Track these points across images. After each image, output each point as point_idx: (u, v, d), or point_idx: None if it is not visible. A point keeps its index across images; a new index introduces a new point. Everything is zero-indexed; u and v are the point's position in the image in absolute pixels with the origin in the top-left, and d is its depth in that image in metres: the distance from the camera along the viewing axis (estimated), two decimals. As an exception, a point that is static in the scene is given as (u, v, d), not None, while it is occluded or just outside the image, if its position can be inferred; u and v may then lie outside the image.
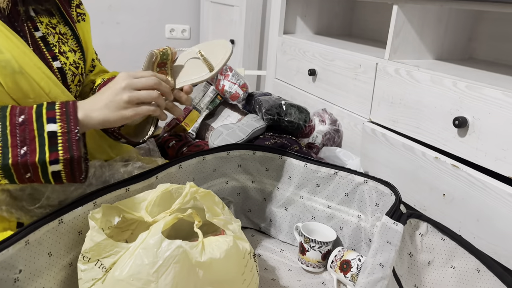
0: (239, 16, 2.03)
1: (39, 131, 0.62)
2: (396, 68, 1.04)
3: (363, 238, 0.89)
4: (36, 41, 0.75)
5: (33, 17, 0.75)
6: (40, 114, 0.64)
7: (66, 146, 0.62)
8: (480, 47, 1.20)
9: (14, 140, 0.61)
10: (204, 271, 0.58)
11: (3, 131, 0.61)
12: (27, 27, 0.74)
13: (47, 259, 0.64)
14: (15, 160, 0.61)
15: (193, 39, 2.71)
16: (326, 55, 1.32)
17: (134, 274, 0.54)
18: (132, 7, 2.51)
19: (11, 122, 0.62)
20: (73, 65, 0.80)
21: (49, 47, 0.76)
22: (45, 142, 0.62)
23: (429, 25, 1.11)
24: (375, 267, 0.59)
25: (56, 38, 0.78)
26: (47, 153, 0.61)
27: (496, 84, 0.84)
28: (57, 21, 0.80)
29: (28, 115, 0.63)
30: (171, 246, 0.56)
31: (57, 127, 0.63)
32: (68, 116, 0.64)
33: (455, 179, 0.87)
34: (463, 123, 0.86)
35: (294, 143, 1.09)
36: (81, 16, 0.87)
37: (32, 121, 0.63)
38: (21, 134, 0.62)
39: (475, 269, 0.70)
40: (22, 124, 0.62)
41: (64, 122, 0.63)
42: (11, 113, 0.63)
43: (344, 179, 0.90)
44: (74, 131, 0.63)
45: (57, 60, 0.77)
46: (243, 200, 1.02)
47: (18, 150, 0.61)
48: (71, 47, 0.81)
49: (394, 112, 1.06)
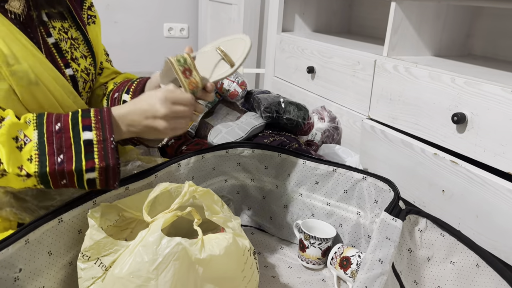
0: (237, 14, 2.03)
1: (75, 139, 0.63)
2: (395, 65, 1.04)
3: (363, 234, 0.89)
4: (49, 47, 0.75)
5: (46, 22, 0.75)
6: (76, 121, 0.65)
7: (101, 154, 0.63)
8: (478, 43, 1.20)
9: (51, 148, 0.62)
10: (203, 268, 0.58)
11: (40, 139, 0.62)
12: (40, 33, 0.74)
13: (47, 258, 0.64)
14: (52, 168, 0.62)
15: (192, 37, 2.71)
16: (325, 52, 1.32)
17: (134, 272, 0.54)
18: (130, 6, 2.51)
19: (48, 130, 0.63)
20: (85, 71, 0.80)
21: (61, 54, 0.76)
22: (81, 150, 0.63)
23: (427, 22, 1.11)
24: (374, 263, 0.60)
25: (68, 44, 0.78)
26: (84, 161, 0.62)
27: (495, 80, 0.84)
28: (69, 25, 0.80)
29: (64, 122, 0.64)
30: (171, 243, 0.56)
31: (93, 135, 0.64)
32: (103, 124, 0.65)
33: (454, 175, 0.87)
34: (462, 119, 0.86)
35: (293, 141, 1.09)
36: (91, 18, 0.87)
37: (68, 129, 0.64)
38: (58, 141, 0.63)
39: (474, 265, 0.70)
40: (58, 132, 0.63)
41: (99, 130, 0.64)
42: (48, 121, 0.64)
43: (343, 176, 0.90)
44: (110, 139, 0.64)
45: (70, 67, 0.77)
46: (243, 198, 1.02)
47: (55, 158, 0.62)
48: (82, 52, 0.81)
49: (393, 109, 1.06)
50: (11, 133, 0.62)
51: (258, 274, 0.75)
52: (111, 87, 0.88)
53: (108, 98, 0.86)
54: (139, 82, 0.84)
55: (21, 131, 0.63)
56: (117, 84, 0.88)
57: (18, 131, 0.62)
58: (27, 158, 0.61)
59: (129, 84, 0.84)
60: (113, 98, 0.85)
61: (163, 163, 0.84)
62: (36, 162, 0.61)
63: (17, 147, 0.62)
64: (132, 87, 0.83)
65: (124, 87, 0.84)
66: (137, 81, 0.84)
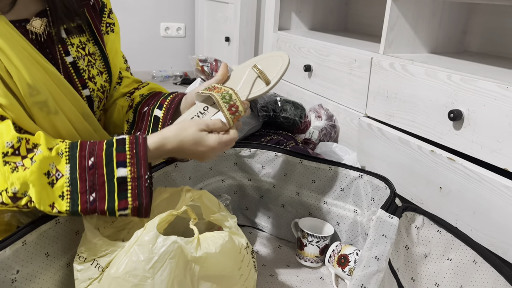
0: (234, 13, 2.03)
1: (108, 176, 0.60)
2: (391, 62, 1.04)
3: (360, 232, 0.89)
4: (67, 67, 0.73)
5: (65, 39, 0.74)
6: (110, 157, 0.61)
7: (135, 193, 0.60)
8: (474, 40, 1.20)
9: (83, 185, 0.60)
10: (200, 266, 0.58)
11: (73, 174, 0.60)
12: (59, 52, 0.72)
13: (44, 259, 0.65)
14: (84, 207, 0.60)
15: (189, 37, 2.71)
16: (321, 50, 1.32)
17: (130, 271, 0.54)
18: (126, 6, 2.51)
19: (81, 165, 0.60)
20: (100, 90, 0.79)
21: (79, 74, 0.75)
22: (115, 188, 0.60)
23: (423, 19, 1.11)
24: (370, 260, 0.60)
25: (86, 61, 0.76)
26: (116, 201, 0.60)
27: (491, 76, 0.84)
28: (86, 39, 0.78)
29: (98, 158, 0.61)
30: (166, 242, 0.56)
31: (127, 172, 0.61)
32: (138, 159, 0.61)
33: (451, 172, 0.87)
34: (458, 116, 0.86)
35: (290, 139, 1.09)
36: (110, 26, 0.84)
37: (102, 166, 0.61)
38: (91, 179, 0.60)
39: (471, 261, 0.71)
40: (91, 167, 0.60)
41: (134, 166, 0.61)
42: (80, 155, 0.61)
43: (339, 175, 0.90)
44: (145, 177, 0.61)
45: (87, 87, 0.75)
46: (240, 198, 1.03)
47: (87, 196, 0.60)
48: (98, 68, 0.79)
49: (389, 106, 1.06)
50: (43, 169, 0.60)
51: (256, 273, 0.75)
52: (138, 100, 0.84)
53: (135, 111, 0.83)
54: (173, 98, 0.80)
55: (53, 164, 0.60)
56: (144, 97, 0.84)
57: (50, 165, 0.60)
58: (59, 194, 0.60)
59: (162, 99, 0.81)
60: (142, 112, 0.81)
61: (160, 163, 0.84)
62: (67, 200, 0.59)
63: (49, 182, 0.60)
64: (166, 103, 0.80)
65: (154, 101, 0.81)
66: (171, 97, 0.81)
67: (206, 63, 1.23)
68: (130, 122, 0.83)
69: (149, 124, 0.80)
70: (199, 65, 1.23)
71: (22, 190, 0.59)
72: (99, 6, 0.81)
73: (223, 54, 2.24)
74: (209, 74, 1.23)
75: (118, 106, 0.86)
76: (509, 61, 1.06)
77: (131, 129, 0.83)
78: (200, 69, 1.24)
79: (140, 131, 0.81)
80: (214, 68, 1.22)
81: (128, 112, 0.84)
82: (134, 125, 0.82)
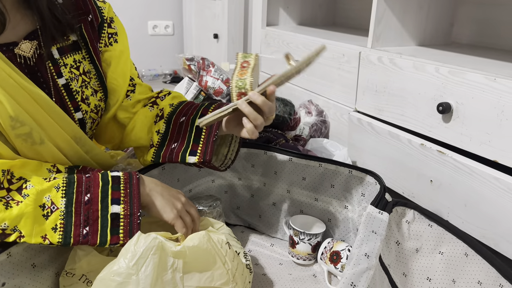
0: (221, 10, 2.01)
1: (102, 212, 0.62)
2: (379, 56, 1.03)
3: (351, 228, 0.89)
4: (59, 90, 0.71)
5: (57, 60, 0.71)
6: (106, 194, 0.63)
7: (127, 230, 0.62)
8: (462, 31, 1.19)
9: (78, 219, 0.61)
10: (183, 261, 0.58)
11: (68, 208, 0.61)
12: (50, 74, 0.70)
13: (31, 270, 0.64)
14: (76, 240, 0.61)
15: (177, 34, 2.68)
16: (310, 45, 1.31)
17: (114, 270, 0.55)
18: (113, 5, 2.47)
19: (77, 200, 0.62)
20: (94, 111, 0.77)
21: (71, 96, 0.72)
22: (108, 224, 0.62)
23: (410, 12, 1.10)
24: (360, 257, 0.59)
25: (79, 81, 0.74)
26: (109, 236, 0.62)
27: (479, 68, 0.84)
28: (82, 56, 0.75)
29: (94, 194, 0.63)
30: (148, 238, 0.57)
31: (120, 209, 0.63)
32: (131, 197, 0.64)
33: (442, 165, 0.87)
34: (447, 108, 0.86)
35: (280, 137, 1.08)
36: (113, 37, 0.81)
37: (97, 202, 0.63)
38: (85, 213, 0.62)
39: (463, 254, 0.70)
40: (87, 203, 0.62)
41: (127, 204, 0.63)
42: (78, 190, 0.62)
43: (329, 171, 0.89)
44: (137, 214, 0.63)
45: (79, 110, 0.74)
46: (231, 197, 1.02)
47: (80, 229, 0.61)
48: (93, 87, 0.76)
49: (379, 100, 1.05)
50: (38, 201, 0.60)
51: (251, 274, 0.74)
52: (169, 110, 0.81)
53: (168, 122, 0.80)
54: (216, 108, 0.78)
55: (48, 197, 0.61)
56: (176, 106, 0.82)
57: (45, 197, 0.61)
58: (52, 227, 0.60)
59: (203, 109, 0.79)
60: (178, 122, 0.79)
61: (148, 166, 0.83)
62: (60, 232, 0.60)
63: (43, 215, 0.60)
64: (209, 112, 0.77)
65: (193, 111, 0.79)
66: (214, 106, 0.79)
67: (193, 62, 1.21)
68: (161, 133, 0.80)
69: (189, 134, 0.78)
70: (186, 64, 1.22)
71: (12, 225, 0.58)
72: (98, 22, 0.77)
73: (212, 51, 2.22)
74: (197, 72, 1.22)
75: (141, 117, 0.82)
76: (497, 52, 1.06)
77: (164, 140, 0.80)
78: (187, 68, 1.22)
79: (177, 142, 0.78)
80: (202, 67, 1.21)
81: (158, 123, 0.81)
82: (168, 136, 0.80)
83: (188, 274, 0.58)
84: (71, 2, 0.73)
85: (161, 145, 0.80)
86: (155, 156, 0.80)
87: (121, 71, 0.81)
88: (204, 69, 1.21)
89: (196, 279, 0.59)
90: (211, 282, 0.60)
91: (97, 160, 0.78)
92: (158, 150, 0.80)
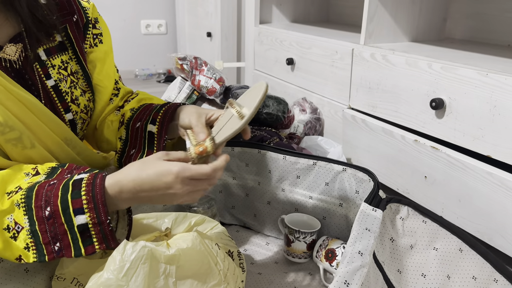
0: (214, 8, 2.00)
1: (68, 225, 0.57)
2: (372, 53, 1.03)
3: (346, 226, 0.89)
4: (48, 92, 0.70)
5: (45, 61, 0.69)
6: (66, 205, 0.56)
7: (100, 237, 0.57)
8: (455, 26, 1.19)
9: (46, 236, 0.57)
10: (176, 266, 0.58)
11: (32, 227, 0.57)
12: (39, 76, 0.68)
13: (24, 275, 0.63)
14: (51, 257, 0.57)
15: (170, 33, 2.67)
16: (303, 43, 1.30)
17: (103, 282, 0.54)
18: (105, 5, 2.45)
19: (38, 216, 0.56)
20: (83, 111, 0.75)
21: (61, 98, 0.71)
22: (77, 237, 0.57)
23: (403, 8, 1.10)
24: (354, 255, 0.59)
25: (68, 82, 0.73)
26: (82, 248, 0.57)
27: (471, 63, 0.84)
28: (68, 57, 0.74)
29: (54, 206, 0.56)
30: (136, 247, 0.55)
31: (86, 219, 0.56)
32: (96, 204, 0.56)
33: (435, 161, 0.87)
34: (440, 104, 0.86)
35: (274, 135, 1.08)
36: (97, 38, 0.79)
37: (59, 215, 0.56)
38: (51, 229, 0.57)
39: (457, 249, 0.71)
40: (49, 218, 0.57)
41: (93, 211, 0.56)
42: (36, 205, 0.57)
43: (323, 169, 0.89)
44: (106, 222, 0.57)
45: (70, 111, 0.72)
46: (226, 197, 1.01)
47: (51, 247, 0.57)
48: (81, 87, 0.76)
49: (372, 97, 1.05)
50: (1, 224, 0.57)
51: (244, 273, 0.74)
52: (129, 115, 0.80)
53: (128, 127, 0.79)
54: (166, 112, 0.76)
55: (11, 217, 0.57)
56: (135, 111, 0.80)
57: (8, 218, 0.57)
58: (24, 246, 0.57)
59: (154, 113, 0.76)
60: (135, 128, 0.77)
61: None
62: (33, 251, 0.57)
63: (11, 237, 0.57)
64: (159, 117, 0.75)
65: (146, 116, 0.77)
66: (163, 110, 0.76)
67: (185, 61, 1.21)
68: (123, 139, 0.80)
69: (144, 140, 0.76)
70: (178, 64, 1.21)
71: None
72: (83, 22, 0.77)
73: (205, 49, 2.21)
74: (189, 72, 1.21)
75: (108, 122, 0.82)
76: (489, 47, 1.06)
77: (125, 146, 0.79)
78: (180, 68, 1.21)
79: (135, 148, 0.78)
80: (194, 66, 1.20)
81: (120, 129, 0.80)
82: (128, 142, 0.79)
83: (181, 277, 0.58)
84: (55, 3, 0.72)
85: (122, 151, 0.80)
86: (118, 163, 0.80)
87: (106, 73, 0.80)
88: (197, 68, 1.20)
89: (189, 282, 0.58)
90: (203, 284, 0.59)
91: (89, 162, 0.77)
92: (120, 157, 0.80)
